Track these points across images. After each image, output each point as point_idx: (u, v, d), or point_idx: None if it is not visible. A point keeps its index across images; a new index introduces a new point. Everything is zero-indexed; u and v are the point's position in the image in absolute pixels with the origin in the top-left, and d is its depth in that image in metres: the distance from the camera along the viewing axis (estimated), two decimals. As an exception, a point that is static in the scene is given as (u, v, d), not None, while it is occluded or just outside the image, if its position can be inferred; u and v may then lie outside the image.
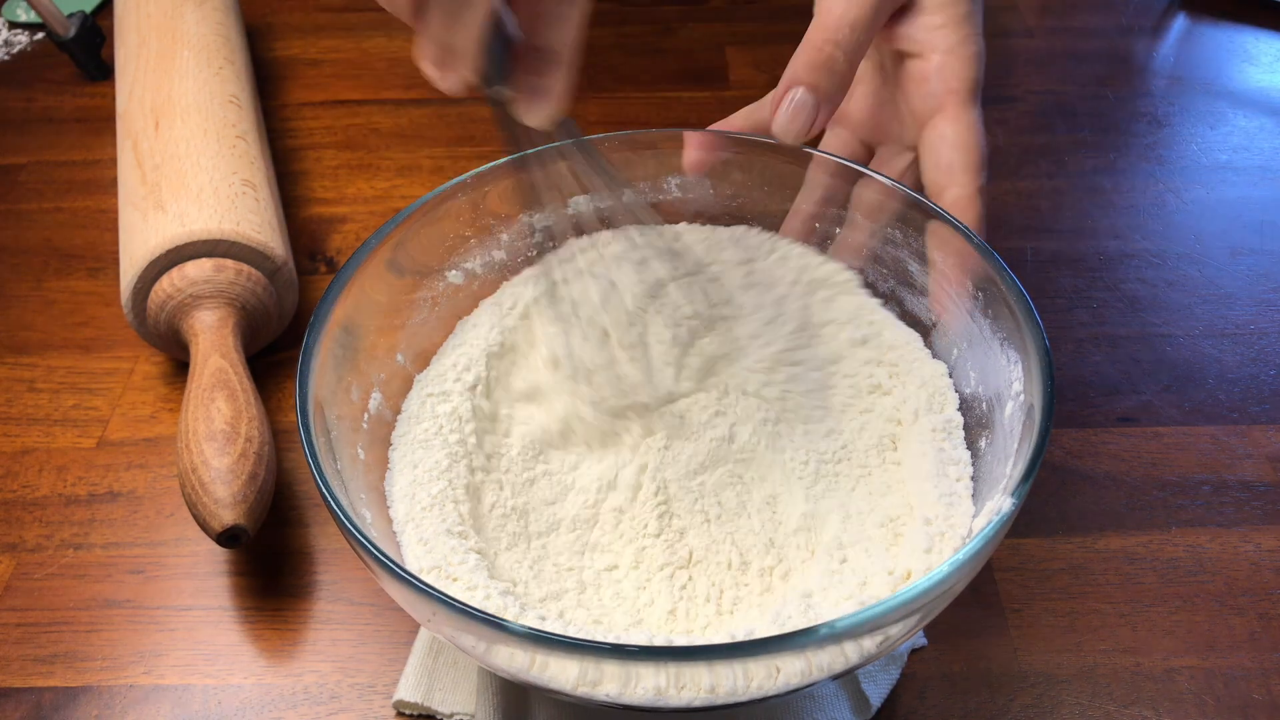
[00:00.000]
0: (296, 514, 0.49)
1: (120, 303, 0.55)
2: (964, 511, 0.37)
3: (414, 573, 0.31)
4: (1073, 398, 0.52)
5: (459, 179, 0.44)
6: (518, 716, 0.41)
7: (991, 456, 0.38)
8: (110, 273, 0.62)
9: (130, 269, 0.52)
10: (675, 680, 0.30)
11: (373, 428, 0.40)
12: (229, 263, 0.52)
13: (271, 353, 0.56)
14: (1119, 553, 0.46)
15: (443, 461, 0.40)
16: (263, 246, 0.53)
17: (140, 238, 0.52)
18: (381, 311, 0.42)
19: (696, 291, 0.44)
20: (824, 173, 0.45)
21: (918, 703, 0.42)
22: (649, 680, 0.30)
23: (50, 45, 0.78)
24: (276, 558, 0.47)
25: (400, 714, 0.42)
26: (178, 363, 0.56)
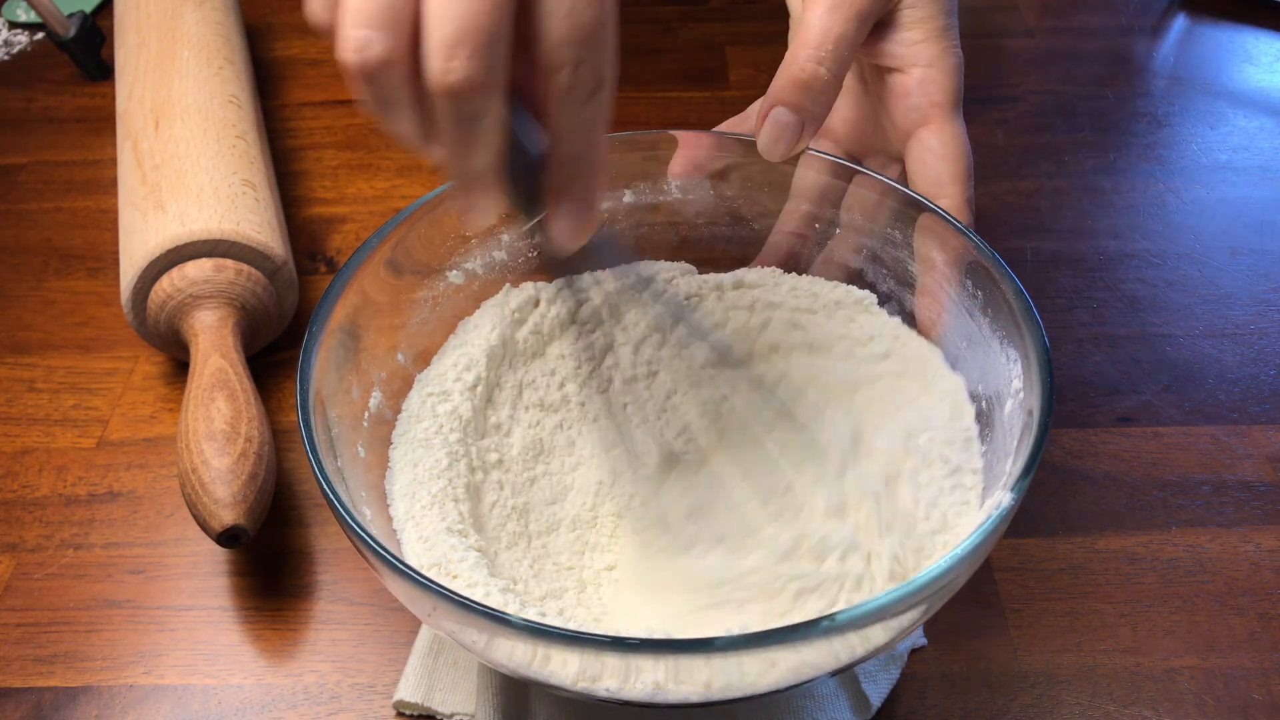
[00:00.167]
0: (296, 514, 0.49)
1: (120, 303, 0.55)
2: (971, 522, 0.37)
3: (415, 567, 0.31)
4: (1073, 398, 0.52)
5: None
6: (518, 716, 0.41)
7: (992, 454, 0.38)
8: (110, 273, 0.62)
9: (130, 269, 0.52)
10: (674, 674, 0.30)
11: (373, 427, 0.40)
12: (229, 263, 0.52)
13: (271, 353, 0.56)
14: (1119, 553, 0.46)
15: (443, 460, 0.40)
16: (263, 246, 0.53)
17: (140, 238, 0.52)
18: (382, 311, 0.42)
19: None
20: (820, 175, 0.45)
21: (918, 703, 0.42)
22: (648, 675, 0.30)
23: (50, 45, 0.78)
24: (276, 558, 0.47)
25: (400, 714, 0.42)
26: (178, 363, 0.56)
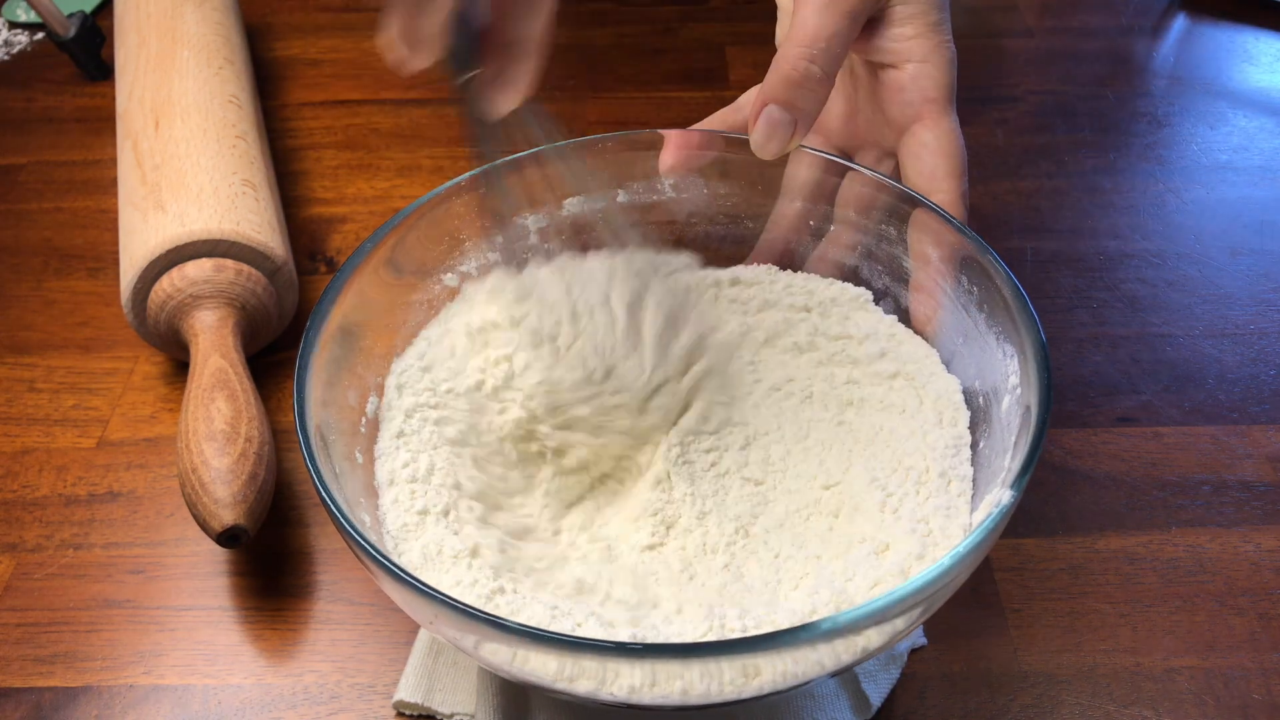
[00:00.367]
0: (296, 514, 0.49)
1: (120, 303, 0.55)
2: (959, 525, 0.37)
3: (410, 572, 0.31)
4: (1073, 398, 0.52)
5: (459, 179, 0.44)
6: (518, 716, 0.41)
7: (990, 450, 0.38)
8: (110, 273, 0.62)
9: (130, 269, 0.52)
10: (674, 677, 0.30)
11: (370, 429, 0.40)
12: (229, 263, 0.52)
13: (271, 353, 0.56)
14: (1119, 553, 0.46)
15: (436, 458, 0.40)
16: (263, 246, 0.53)
17: (140, 238, 0.52)
18: (381, 312, 0.42)
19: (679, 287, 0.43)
20: (813, 172, 0.45)
21: (918, 703, 0.42)
22: (672, 682, 0.30)
23: (50, 45, 0.78)
24: (276, 558, 0.47)
25: (400, 714, 0.42)
26: (178, 363, 0.56)
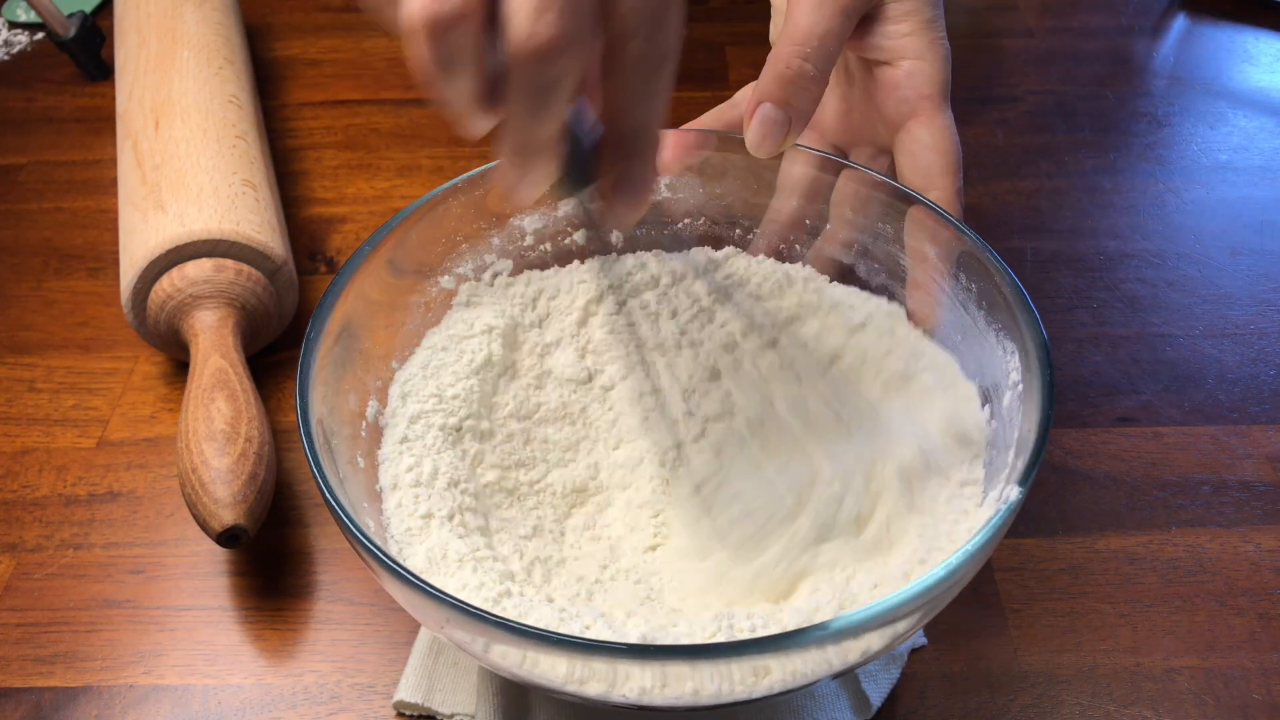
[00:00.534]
0: (296, 514, 0.49)
1: (120, 303, 0.55)
2: (967, 528, 0.37)
3: (414, 572, 0.31)
4: (1073, 398, 0.52)
5: (459, 179, 0.44)
6: (518, 716, 0.41)
7: (993, 448, 0.38)
8: (110, 273, 0.62)
9: (130, 269, 0.52)
10: (685, 678, 0.30)
11: (371, 430, 0.40)
12: (229, 263, 0.52)
13: (271, 353, 0.56)
14: (1119, 553, 0.46)
15: (440, 462, 0.40)
16: (263, 246, 0.53)
17: (140, 238, 0.52)
18: (381, 312, 0.42)
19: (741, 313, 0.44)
20: (808, 169, 0.45)
21: (918, 703, 0.42)
22: (653, 678, 0.30)
23: (50, 45, 0.78)
24: (276, 558, 0.47)
25: (400, 714, 0.42)
26: (178, 363, 0.56)
